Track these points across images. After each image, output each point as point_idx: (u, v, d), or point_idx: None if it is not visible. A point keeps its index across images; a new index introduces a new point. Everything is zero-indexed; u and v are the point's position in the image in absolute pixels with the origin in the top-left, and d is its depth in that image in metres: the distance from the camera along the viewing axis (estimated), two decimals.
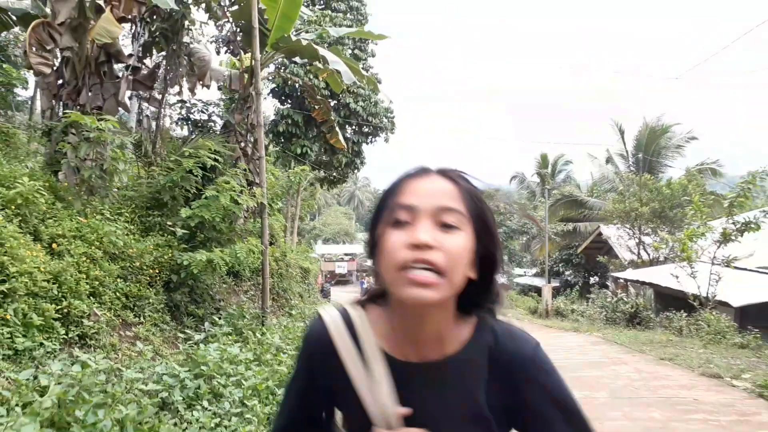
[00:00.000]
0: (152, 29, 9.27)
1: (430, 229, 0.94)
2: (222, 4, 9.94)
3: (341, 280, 58.20)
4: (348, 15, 22.23)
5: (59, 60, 8.91)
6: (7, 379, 4.00)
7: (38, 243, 5.48)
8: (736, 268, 15.02)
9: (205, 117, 11.54)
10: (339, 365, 1.08)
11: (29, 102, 17.72)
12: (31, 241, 5.36)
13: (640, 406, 6.34)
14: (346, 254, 63.91)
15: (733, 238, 13.61)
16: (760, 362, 8.80)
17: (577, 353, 10.51)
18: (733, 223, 13.53)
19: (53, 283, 5.11)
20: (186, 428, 4.31)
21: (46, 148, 8.95)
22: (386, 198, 1.02)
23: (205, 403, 4.70)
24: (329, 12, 20.98)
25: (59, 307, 5.01)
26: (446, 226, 0.95)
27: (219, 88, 13.90)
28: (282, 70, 16.97)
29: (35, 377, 3.98)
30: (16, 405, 3.34)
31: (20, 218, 5.55)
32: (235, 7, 9.85)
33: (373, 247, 1.04)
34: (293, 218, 21.39)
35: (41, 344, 4.59)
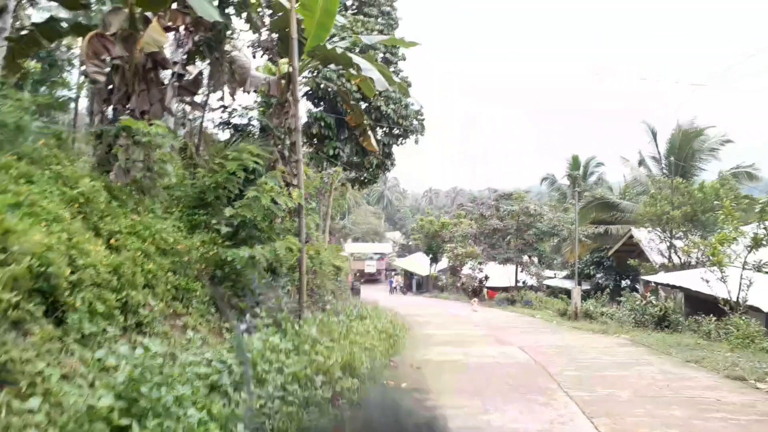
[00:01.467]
0: (196, 39, 9.78)
1: None
2: (261, 14, 10.41)
3: (370, 279, 58.81)
4: (379, 20, 22.63)
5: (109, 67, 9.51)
6: (79, 359, 4.47)
7: (99, 238, 5.98)
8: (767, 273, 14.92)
9: (245, 121, 12.08)
10: None
11: (72, 103, 18.56)
12: (93, 237, 5.85)
13: (661, 405, 6.56)
14: (375, 253, 64.55)
15: (764, 243, 13.55)
16: None
17: (604, 354, 10.68)
18: (765, 228, 13.47)
19: (113, 275, 5.59)
20: (234, 408, 4.74)
21: (96, 149, 9.53)
22: None
23: (252, 386, 5.13)
24: (361, 17, 21.41)
25: (119, 297, 5.48)
26: None
27: (255, 91, 14.46)
28: (316, 75, 17.44)
29: (99, 359, 4.45)
30: (93, 380, 3.80)
31: (82, 215, 6.07)
32: (274, 18, 10.32)
33: None
34: (325, 217, 21.90)
35: (104, 330, 5.06)
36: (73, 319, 4.76)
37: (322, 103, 20.88)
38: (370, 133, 12.96)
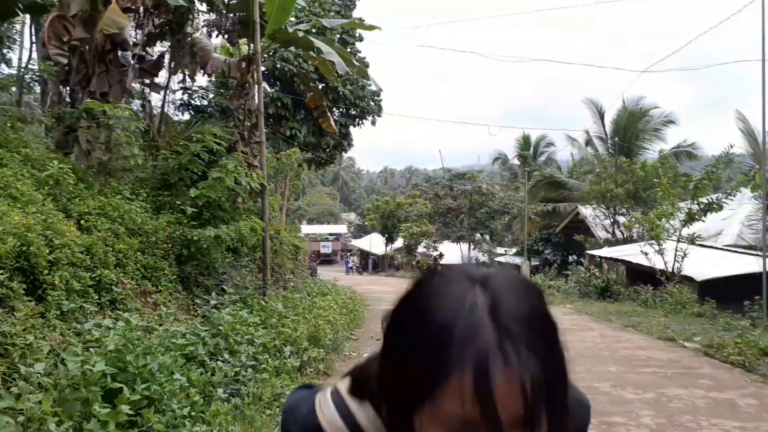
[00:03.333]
0: (156, 21, 9.81)
1: None
2: None
3: (326, 260, 59.12)
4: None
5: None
6: (60, 333, 4.72)
7: (70, 219, 6.15)
8: (701, 245, 16.08)
9: (205, 102, 12.15)
10: None
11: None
12: (64, 218, 6.02)
13: (599, 363, 7.27)
14: (330, 234, 64.81)
15: (697, 217, 14.60)
16: (711, 328, 9.79)
17: None
18: (698, 204, 14.51)
19: (86, 255, 5.79)
20: (211, 375, 5.10)
21: (55, 131, 9.49)
22: (428, 376, 0.61)
23: (226, 356, 5.48)
24: None
25: (93, 275, 5.70)
26: None
27: (213, 72, 14.45)
28: (273, 54, 17.49)
29: (85, 332, 4.73)
30: (83, 349, 4.09)
31: (52, 197, 6.22)
32: (235, 0, 10.41)
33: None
34: (282, 198, 22.07)
35: (81, 306, 5.29)
36: (53, 296, 4.99)
37: (278, 83, 20.91)
38: (329, 115, 13.22)
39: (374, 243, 50.37)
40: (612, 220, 23.21)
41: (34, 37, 12.02)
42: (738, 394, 5.73)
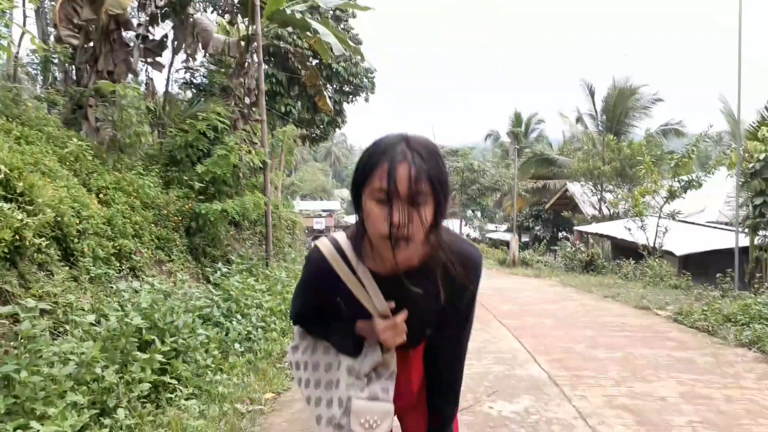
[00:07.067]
0: (158, 2, 10.17)
1: (403, 208, 1.23)
2: None
3: (319, 236, 59.45)
4: None
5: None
6: (91, 295, 5.26)
7: (90, 193, 6.63)
8: (682, 221, 16.77)
9: (206, 81, 12.49)
10: (337, 282, 1.45)
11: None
12: (86, 192, 6.51)
13: (577, 328, 7.91)
14: (323, 210, 65.24)
15: (677, 195, 15.24)
16: (685, 299, 10.47)
17: (535, 293, 12.12)
18: (678, 181, 15.14)
19: (107, 225, 6.30)
20: (226, 334, 5.68)
21: (61, 109, 9.88)
22: (368, 170, 1.28)
23: (239, 317, 6.06)
24: None
25: (114, 244, 6.22)
26: (416, 202, 1.24)
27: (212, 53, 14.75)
28: (269, 34, 17.74)
29: (107, 296, 5.27)
30: (117, 307, 4.64)
31: (73, 172, 6.70)
32: None
33: (357, 204, 1.34)
34: (281, 175, 22.51)
35: (106, 272, 5.82)
36: (83, 262, 5.52)
37: (272, 59, 21.15)
38: (325, 93, 13.65)
39: None
40: (599, 196, 23.86)
41: (30, 15, 12.32)
42: (698, 353, 6.36)
